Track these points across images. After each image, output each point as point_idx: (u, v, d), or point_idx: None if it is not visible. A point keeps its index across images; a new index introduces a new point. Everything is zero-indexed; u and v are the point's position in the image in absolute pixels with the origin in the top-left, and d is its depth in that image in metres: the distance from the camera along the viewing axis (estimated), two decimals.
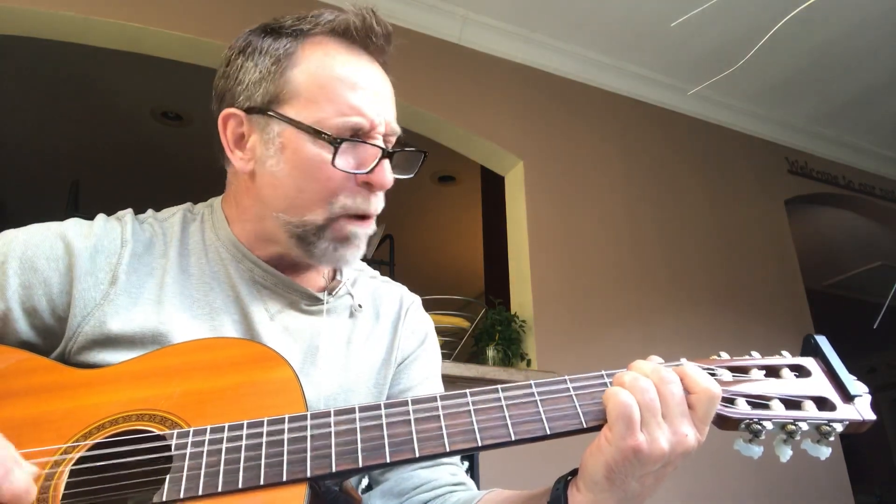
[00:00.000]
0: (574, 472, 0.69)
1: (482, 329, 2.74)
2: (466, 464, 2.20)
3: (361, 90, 0.82)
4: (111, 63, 3.37)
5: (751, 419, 0.67)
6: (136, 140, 4.16)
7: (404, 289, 1.06)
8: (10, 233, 0.82)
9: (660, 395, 0.65)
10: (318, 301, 0.90)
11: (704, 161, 3.63)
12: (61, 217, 0.90)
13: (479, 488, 0.89)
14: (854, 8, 3.06)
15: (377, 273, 1.06)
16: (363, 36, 0.85)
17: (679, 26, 2.81)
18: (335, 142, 0.79)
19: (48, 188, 4.47)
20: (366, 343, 0.93)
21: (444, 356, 2.67)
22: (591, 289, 2.96)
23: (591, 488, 0.65)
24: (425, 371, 0.98)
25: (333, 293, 0.93)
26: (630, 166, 3.36)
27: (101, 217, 0.88)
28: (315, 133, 0.79)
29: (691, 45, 3.30)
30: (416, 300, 1.05)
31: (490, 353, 2.66)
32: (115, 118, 3.94)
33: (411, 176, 0.88)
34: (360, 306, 0.95)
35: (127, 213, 0.90)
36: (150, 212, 0.93)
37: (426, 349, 1.01)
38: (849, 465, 3.22)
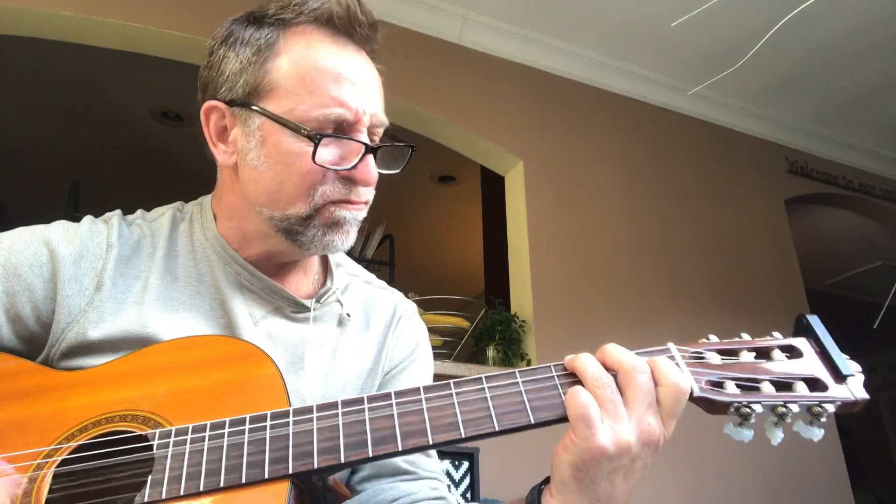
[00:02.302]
0: (548, 480, 0.67)
1: (482, 329, 2.74)
2: (466, 464, 2.19)
3: (345, 81, 0.79)
4: (111, 63, 3.36)
5: (740, 402, 0.65)
6: (136, 140, 4.15)
7: (400, 296, 1.02)
8: None
9: (627, 383, 0.64)
10: (305, 308, 0.87)
11: (704, 161, 3.62)
12: (61, 217, 0.88)
13: (479, 488, 0.86)
14: (854, 8, 3.05)
15: (373, 278, 1.02)
16: (347, 25, 0.82)
17: (679, 26, 2.80)
18: (315, 137, 0.76)
19: (48, 188, 4.47)
20: (353, 353, 0.90)
21: (444, 356, 2.67)
22: (591, 289, 2.96)
23: (561, 490, 0.63)
24: (414, 383, 0.94)
25: (321, 300, 0.90)
26: (630, 166, 3.35)
27: (87, 219, 0.85)
28: (295, 127, 0.77)
29: (691, 45, 3.29)
30: (411, 308, 1.01)
31: (490, 353, 2.66)
32: (115, 118, 3.94)
33: (398, 171, 0.85)
34: (348, 315, 0.91)
35: (114, 216, 0.87)
36: (139, 212, 0.91)
37: (416, 359, 0.97)
38: (849, 465, 3.21)
